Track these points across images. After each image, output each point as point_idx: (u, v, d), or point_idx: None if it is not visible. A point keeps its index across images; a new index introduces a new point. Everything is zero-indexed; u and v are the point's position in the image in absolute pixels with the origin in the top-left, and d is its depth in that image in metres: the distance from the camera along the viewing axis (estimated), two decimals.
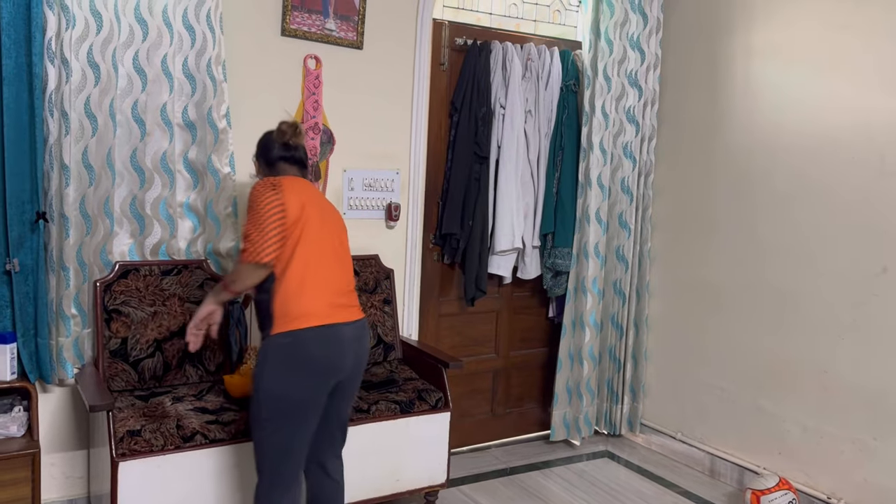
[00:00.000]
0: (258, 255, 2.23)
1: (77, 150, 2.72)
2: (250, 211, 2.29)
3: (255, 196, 2.31)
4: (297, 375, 2.25)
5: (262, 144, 2.54)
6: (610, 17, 3.73)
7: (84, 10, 2.67)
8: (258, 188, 2.33)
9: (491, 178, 3.66)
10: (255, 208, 2.28)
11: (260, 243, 2.23)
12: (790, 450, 3.35)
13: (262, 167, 2.53)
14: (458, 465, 3.58)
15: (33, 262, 2.68)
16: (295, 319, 2.26)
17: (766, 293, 3.44)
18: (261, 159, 2.54)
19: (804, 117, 3.30)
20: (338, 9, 3.25)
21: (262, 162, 2.54)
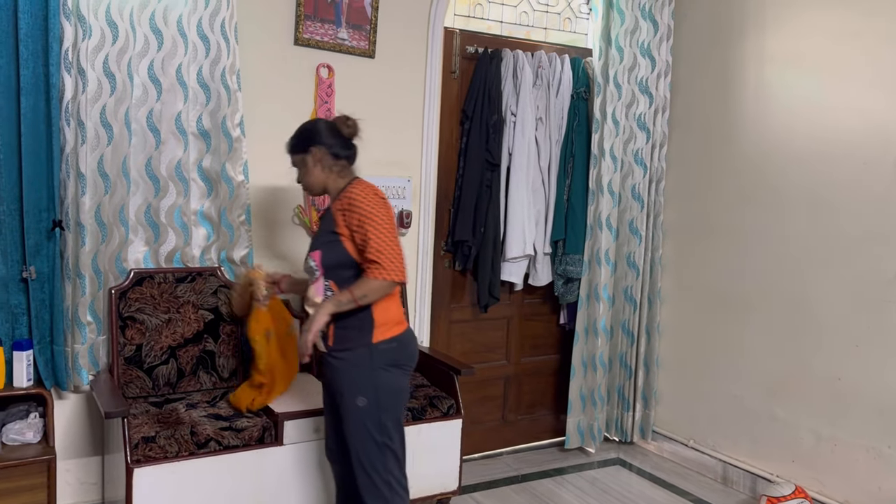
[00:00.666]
0: (398, 273, 2.21)
1: (93, 159, 2.75)
2: (371, 222, 2.22)
3: (373, 205, 2.25)
4: (404, 375, 2.36)
5: (331, 132, 2.40)
6: (620, 24, 3.74)
7: (100, 20, 2.71)
8: (372, 197, 2.27)
9: (502, 185, 3.67)
10: (379, 220, 2.23)
11: (398, 261, 2.22)
12: (804, 457, 3.34)
13: (327, 159, 2.38)
14: (469, 472, 3.58)
15: (49, 270, 2.71)
16: (396, 325, 2.34)
17: (779, 300, 3.43)
18: (331, 149, 2.38)
19: (816, 123, 3.29)
20: (350, 18, 3.27)
21: (329, 153, 2.37)
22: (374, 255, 2.21)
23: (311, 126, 2.44)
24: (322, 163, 2.37)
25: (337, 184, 2.40)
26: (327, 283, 2.32)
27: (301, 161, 2.41)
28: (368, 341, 2.29)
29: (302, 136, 2.41)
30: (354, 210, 2.24)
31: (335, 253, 2.29)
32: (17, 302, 2.71)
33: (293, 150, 2.43)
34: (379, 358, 2.29)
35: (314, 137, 2.39)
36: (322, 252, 2.31)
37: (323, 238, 2.34)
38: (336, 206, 2.33)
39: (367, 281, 2.22)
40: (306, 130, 2.42)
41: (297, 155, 2.41)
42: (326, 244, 2.31)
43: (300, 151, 2.40)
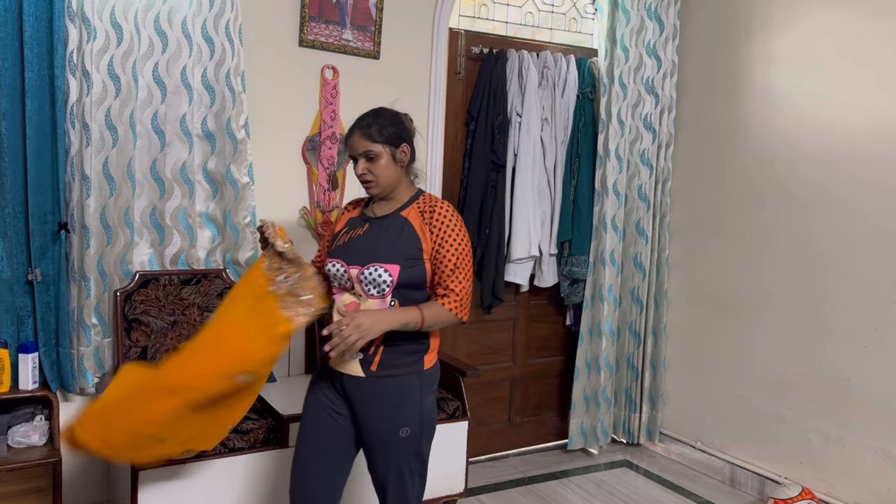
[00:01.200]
0: (467, 312, 2.08)
1: (98, 161, 2.75)
2: (463, 256, 2.06)
3: (466, 239, 2.09)
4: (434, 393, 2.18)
5: (407, 128, 2.16)
6: (626, 24, 3.73)
7: (105, 22, 2.71)
8: (464, 227, 2.10)
9: (507, 186, 3.66)
10: (469, 255, 2.08)
11: (469, 300, 2.08)
12: (812, 459, 3.31)
13: (408, 161, 2.15)
14: (475, 474, 3.56)
15: (55, 273, 2.71)
16: (436, 354, 2.18)
17: (787, 301, 3.41)
18: (414, 151, 2.16)
19: (823, 123, 3.27)
20: (355, 19, 3.27)
21: (412, 155, 2.16)
22: (457, 286, 2.05)
23: (401, 118, 2.16)
24: (401, 163, 2.12)
25: (409, 191, 2.16)
26: (393, 303, 2.05)
27: (382, 153, 2.08)
28: (420, 367, 2.10)
29: (397, 126, 2.11)
30: (449, 237, 2.05)
31: (416, 272, 2.05)
32: (23, 304, 2.71)
33: (382, 138, 2.08)
34: (427, 384, 2.12)
35: (407, 133, 2.14)
36: (402, 268, 2.03)
37: (400, 251, 2.05)
38: (417, 218, 2.09)
39: (442, 309, 2.04)
40: (400, 121, 2.14)
41: (383, 146, 2.08)
42: (408, 260, 2.04)
43: (390, 143, 2.09)
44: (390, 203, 2.15)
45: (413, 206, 2.12)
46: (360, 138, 2.08)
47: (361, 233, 2.14)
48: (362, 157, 2.08)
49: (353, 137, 2.09)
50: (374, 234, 2.12)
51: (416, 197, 2.15)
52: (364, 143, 2.07)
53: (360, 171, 2.09)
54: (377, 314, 1.97)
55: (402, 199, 2.14)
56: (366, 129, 2.08)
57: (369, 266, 2.03)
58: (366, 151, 2.07)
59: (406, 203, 2.13)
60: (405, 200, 2.14)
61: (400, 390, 2.07)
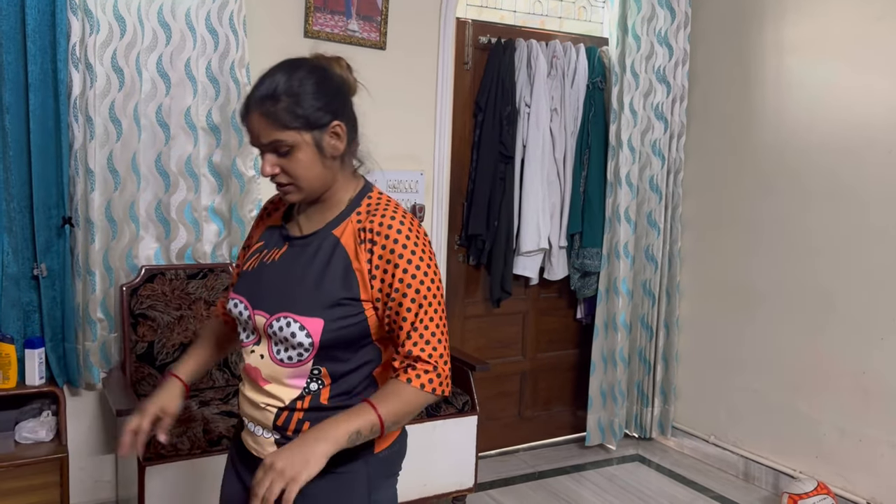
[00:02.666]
0: (447, 386, 1.38)
1: (102, 155, 2.73)
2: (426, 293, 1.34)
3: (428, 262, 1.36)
4: (396, 482, 1.52)
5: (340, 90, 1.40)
6: (637, 12, 3.67)
7: (108, 15, 2.68)
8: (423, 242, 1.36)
9: (516, 177, 3.61)
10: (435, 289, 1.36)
11: (447, 365, 1.38)
12: (828, 453, 3.26)
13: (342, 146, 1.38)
14: (485, 468, 3.53)
15: (60, 267, 2.70)
16: None
17: (801, 293, 3.35)
18: (352, 125, 1.41)
19: (838, 111, 3.21)
20: (360, 9, 3.23)
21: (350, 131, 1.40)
22: (426, 349, 1.34)
23: (328, 74, 1.38)
24: (333, 152, 1.36)
25: (349, 188, 1.42)
26: (317, 371, 1.35)
27: (299, 144, 1.32)
28: (368, 452, 1.40)
29: (323, 92, 1.35)
30: (402, 269, 1.32)
31: (351, 329, 1.34)
32: (29, 299, 2.70)
33: (299, 120, 1.32)
34: (379, 471, 1.43)
35: (340, 98, 1.38)
36: (327, 323, 1.32)
37: (326, 295, 1.33)
38: (352, 239, 1.36)
39: (408, 392, 1.33)
40: (327, 82, 1.36)
41: (300, 132, 1.32)
42: (336, 310, 1.33)
43: (311, 125, 1.33)
44: (322, 210, 1.42)
45: (352, 218, 1.38)
46: (260, 121, 1.32)
47: (277, 257, 1.43)
48: (268, 148, 1.33)
49: (251, 118, 1.33)
50: (292, 262, 1.40)
51: (358, 199, 1.41)
52: (268, 129, 1.31)
53: (269, 172, 1.34)
54: (305, 445, 1.23)
55: (339, 202, 1.41)
56: (269, 104, 1.31)
57: (279, 316, 1.34)
58: (272, 143, 1.32)
59: (344, 211, 1.40)
60: (343, 206, 1.41)
61: (338, 490, 1.37)
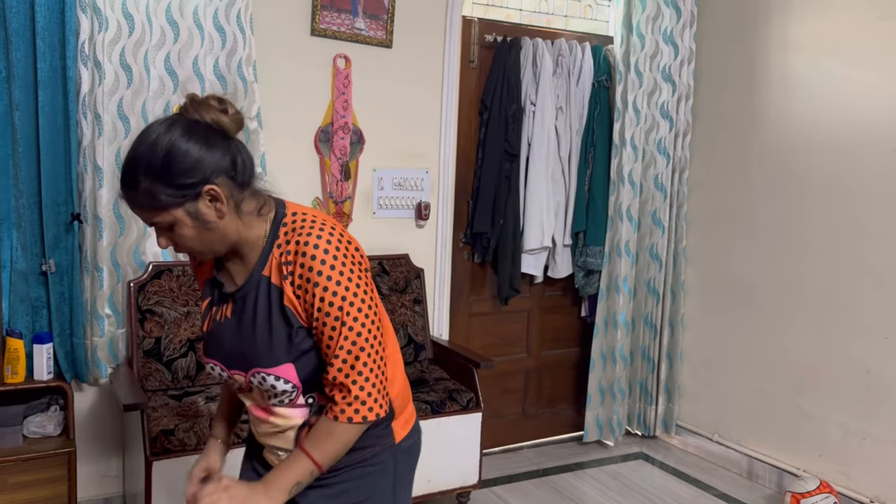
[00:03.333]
0: (383, 401, 1.33)
1: (110, 152, 2.75)
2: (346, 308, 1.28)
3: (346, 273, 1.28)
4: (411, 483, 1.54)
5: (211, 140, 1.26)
6: (642, 11, 3.67)
7: (116, 12, 2.70)
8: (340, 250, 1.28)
9: (521, 176, 3.62)
10: (357, 302, 1.29)
11: (379, 384, 1.32)
12: (831, 452, 3.27)
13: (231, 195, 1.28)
14: (489, 465, 3.55)
15: (68, 263, 2.72)
16: (411, 412, 1.52)
17: (806, 292, 3.36)
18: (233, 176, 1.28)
19: (843, 110, 3.21)
20: (367, 8, 3.24)
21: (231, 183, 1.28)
22: (345, 377, 1.29)
23: (179, 151, 1.23)
24: (219, 213, 1.28)
25: (260, 225, 1.34)
26: (310, 398, 1.38)
27: (178, 220, 1.26)
28: (391, 441, 1.43)
29: (176, 169, 1.23)
30: (321, 287, 1.27)
31: (316, 354, 1.34)
32: (38, 295, 2.72)
33: (162, 202, 1.24)
34: (404, 464, 1.47)
35: (201, 163, 1.24)
36: (297, 365, 1.33)
37: (281, 341, 1.33)
38: (276, 270, 1.32)
39: (337, 431, 1.31)
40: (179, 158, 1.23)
41: (171, 211, 1.25)
42: (298, 349, 1.33)
43: (179, 201, 1.25)
44: (244, 255, 1.36)
45: (274, 253, 1.32)
46: (133, 204, 1.28)
47: (228, 314, 1.39)
48: (154, 227, 1.31)
49: (126, 199, 1.29)
50: (240, 318, 1.36)
51: (275, 232, 1.33)
52: (140, 212, 1.28)
53: (164, 246, 1.32)
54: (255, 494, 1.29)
55: (256, 242, 1.34)
56: (131, 191, 1.26)
57: (253, 372, 1.36)
58: (151, 223, 1.29)
59: (265, 249, 1.34)
60: (261, 243, 1.34)
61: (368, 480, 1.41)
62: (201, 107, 1.28)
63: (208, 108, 1.28)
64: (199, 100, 1.29)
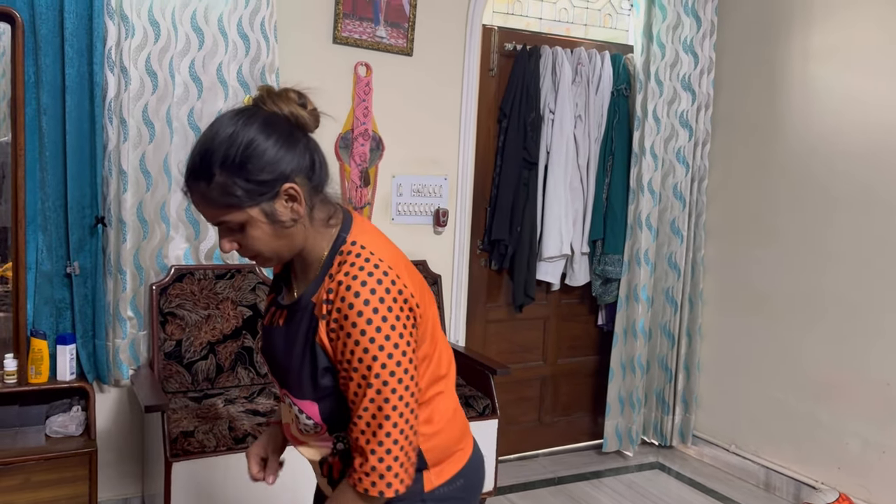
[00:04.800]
0: (400, 482, 1.19)
1: (135, 157, 2.79)
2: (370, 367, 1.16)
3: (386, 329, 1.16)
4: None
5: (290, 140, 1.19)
6: (662, 20, 3.68)
7: (143, 19, 2.74)
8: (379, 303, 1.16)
9: (539, 183, 3.63)
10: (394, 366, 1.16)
11: (403, 456, 1.18)
12: (850, 464, 3.24)
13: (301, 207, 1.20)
14: (505, 473, 3.55)
15: (92, 266, 2.76)
16: (460, 443, 1.38)
17: (825, 302, 3.34)
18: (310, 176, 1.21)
19: (865, 119, 3.19)
20: (388, 16, 3.27)
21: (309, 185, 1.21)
22: (365, 443, 1.18)
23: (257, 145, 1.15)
24: (294, 216, 1.20)
25: (320, 244, 1.26)
26: (339, 437, 1.31)
27: (250, 221, 1.18)
28: (419, 489, 1.29)
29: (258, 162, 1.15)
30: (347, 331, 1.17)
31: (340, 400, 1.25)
32: (62, 297, 2.76)
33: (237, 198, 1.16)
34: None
35: (285, 158, 1.17)
36: (321, 405, 1.26)
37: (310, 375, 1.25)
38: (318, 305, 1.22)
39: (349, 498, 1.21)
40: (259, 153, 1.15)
41: (244, 210, 1.17)
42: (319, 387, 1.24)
43: (255, 198, 1.16)
44: (306, 269, 1.29)
45: (324, 283, 1.23)
46: (201, 203, 1.19)
47: (281, 323, 1.32)
48: (220, 227, 1.22)
49: (193, 199, 1.21)
50: (286, 333, 1.29)
51: (331, 258, 1.24)
52: (209, 210, 1.19)
53: (227, 249, 1.23)
54: None
55: (317, 260, 1.27)
56: (203, 185, 1.17)
57: (285, 393, 1.32)
58: (219, 223, 1.20)
59: (320, 273, 1.25)
60: (320, 264, 1.26)
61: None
62: (280, 99, 1.20)
63: (287, 100, 1.20)
64: (276, 91, 1.21)
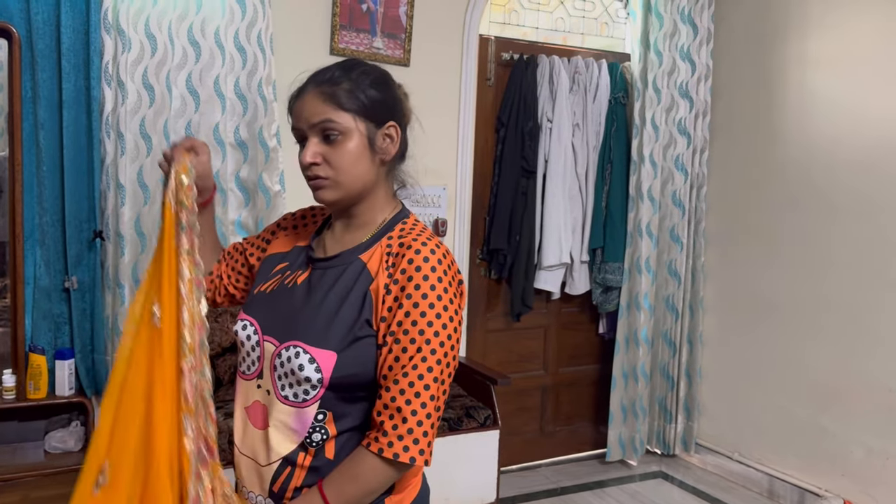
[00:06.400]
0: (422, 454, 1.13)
1: (132, 170, 2.79)
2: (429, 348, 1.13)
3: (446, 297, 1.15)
4: None
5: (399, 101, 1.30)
6: (659, 28, 3.68)
7: (139, 33, 2.75)
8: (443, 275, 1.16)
9: (538, 192, 3.63)
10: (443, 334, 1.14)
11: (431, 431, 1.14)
12: (854, 471, 3.22)
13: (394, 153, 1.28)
14: (507, 483, 3.53)
15: (90, 280, 2.75)
16: (417, 479, 1.30)
17: (827, 309, 3.33)
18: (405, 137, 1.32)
19: (863, 126, 3.19)
20: (385, 27, 3.27)
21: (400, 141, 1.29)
22: (405, 403, 1.12)
23: (392, 81, 1.29)
24: (383, 155, 1.26)
25: (386, 208, 1.29)
26: (322, 416, 1.18)
27: (351, 131, 1.21)
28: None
29: (385, 90, 1.26)
30: (408, 292, 1.14)
31: (366, 362, 1.17)
32: (60, 311, 2.76)
33: (356, 104, 1.21)
34: None
35: (399, 106, 1.28)
36: (341, 356, 1.16)
37: (343, 324, 1.18)
38: (379, 264, 1.20)
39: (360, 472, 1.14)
40: (389, 85, 1.28)
41: (356, 118, 1.21)
42: (353, 341, 1.17)
43: (368, 115, 1.22)
44: (352, 230, 1.28)
45: (381, 243, 1.23)
46: (315, 100, 1.20)
47: (299, 281, 1.27)
48: (315, 131, 1.21)
49: (305, 98, 1.22)
50: (312, 288, 1.24)
51: (392, 224, 1.26)
52: (323, 106, 1.20)
53: (309, 159, 1.22)
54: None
55: (372, 222, 1.27)
56: (329, 84, 1.21)
57: (289, 344, 1.19)
58: (323, 122, 1.20)
59: (375, 234, 1.25)
60: (375, 227, 1.27)
61: None
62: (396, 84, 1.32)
63: (400, 90, 1.32)
64: (396, 82, 1.33)
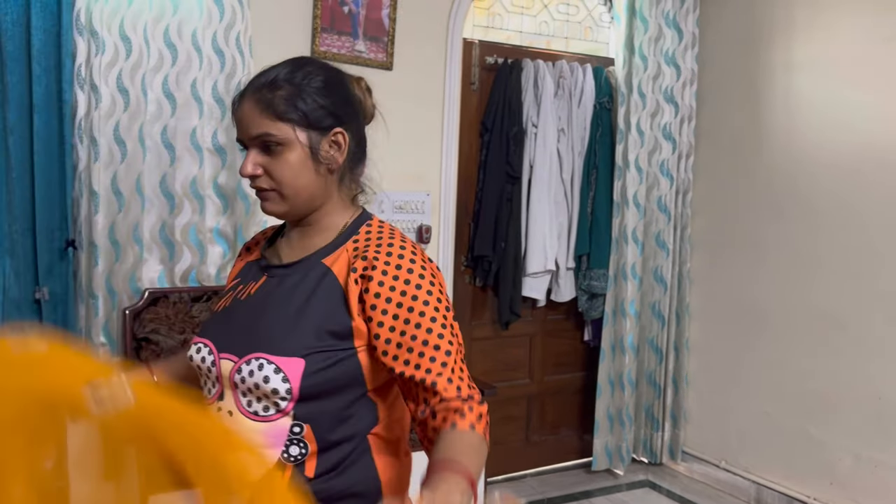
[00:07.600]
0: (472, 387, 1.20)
1: (106, 177, 2.70)
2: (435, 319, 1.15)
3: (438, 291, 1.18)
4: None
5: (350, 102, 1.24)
6: (644, 32, 3.65)
7: (114, 35, 2.66)
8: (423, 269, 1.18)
9: (523, 198, 3.58)
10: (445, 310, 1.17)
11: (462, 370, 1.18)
12: (842, 480, 3.20)
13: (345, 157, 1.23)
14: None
15: (62, 291, 2.66)
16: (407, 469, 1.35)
17: (814, 315, 3.31)
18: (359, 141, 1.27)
19: (848, 132, 3.18)
20: (367, 30, 3.21)
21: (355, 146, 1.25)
22: (470, 388, 1.17)
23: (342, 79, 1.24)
24: (329, 164, 1.20)
25: (343, 213, 1.26)
26: (298, 429, 1.14)
27: (291, 142, 1.16)
28: None
29: (330, 92, 1.20)
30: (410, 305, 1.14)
31: (338, 370, 1.15)
32: (31, 324, 2.66)
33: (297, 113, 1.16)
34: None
35: (348, 107, 1.23)
36: (309, 364, 1.12)
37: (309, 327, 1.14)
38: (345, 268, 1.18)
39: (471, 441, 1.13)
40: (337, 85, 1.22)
41: (295, 128, 1.16)
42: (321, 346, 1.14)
43: (310, 124, 1.17)
44: (310, 236, 1.24)
45: (346, 247, 1.20)
46: (253, 109, 1.16)
47: (253, 291, 1.24)
48: (255, 143, 1.17)
49: (244, 106, 1.17)
50: (269, 295, 1.21)
51: (355, 227, 1.24)
52: (259, 117, 1.15)
53: (249, 171, 1.17)
54: None
55: (331, 227, 1.24)
56: (266, 91, 1.16)
57: (250, 358, 1.13)
58: (260, 135, 1.16)
59: (337, 238, 1.22)
60: (336, 232, 1.23)
61: None
62: (354, 81, 1.27)
63: (359, 86, 1.28)
64: (354, 76, 1.28)
